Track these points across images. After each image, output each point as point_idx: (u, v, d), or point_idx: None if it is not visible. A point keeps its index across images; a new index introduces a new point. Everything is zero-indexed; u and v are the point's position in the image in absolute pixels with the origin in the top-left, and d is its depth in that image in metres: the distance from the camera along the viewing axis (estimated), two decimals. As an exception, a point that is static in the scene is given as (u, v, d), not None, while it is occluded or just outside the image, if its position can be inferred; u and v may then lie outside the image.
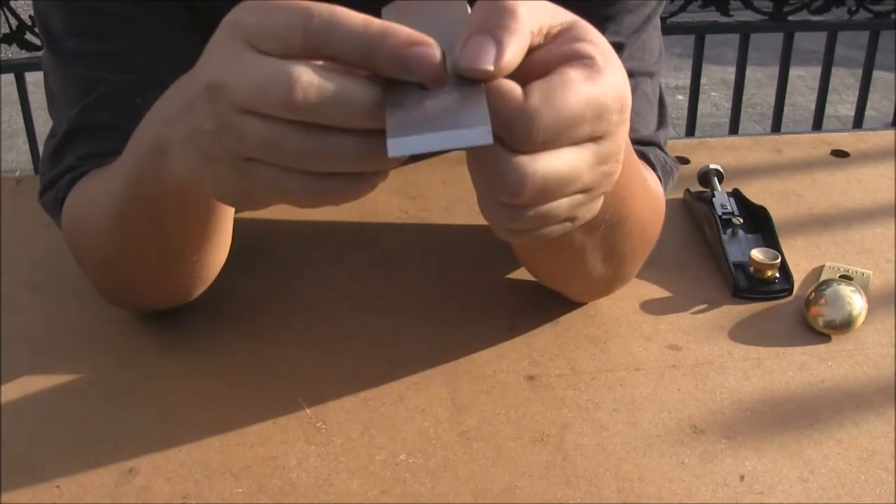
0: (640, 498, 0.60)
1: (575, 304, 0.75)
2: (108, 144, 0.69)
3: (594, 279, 0.71)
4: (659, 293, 0.78)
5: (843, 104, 3.41)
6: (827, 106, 2.02)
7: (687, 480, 0.62)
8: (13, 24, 1.70)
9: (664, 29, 0.80)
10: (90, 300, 0.75)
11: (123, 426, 0.66)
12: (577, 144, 0.45)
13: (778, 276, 0.79)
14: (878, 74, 2.12)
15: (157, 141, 0.54)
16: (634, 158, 0.63)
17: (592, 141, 0.46)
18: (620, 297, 0.77)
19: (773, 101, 2.00)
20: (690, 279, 0.80)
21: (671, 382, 0.70)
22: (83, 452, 0.63)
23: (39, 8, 0.72)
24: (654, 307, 0.77)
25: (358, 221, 0.86)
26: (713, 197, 0.86)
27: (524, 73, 0.44)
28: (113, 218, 0.64)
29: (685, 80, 2.74)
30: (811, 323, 0.75)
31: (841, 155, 1.00)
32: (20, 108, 1.81)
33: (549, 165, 0.44)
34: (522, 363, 0.71)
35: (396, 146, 0.41)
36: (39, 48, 1.72)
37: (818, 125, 2.05)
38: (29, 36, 1.71)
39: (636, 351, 0.72)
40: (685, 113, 2.03)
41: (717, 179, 0.90)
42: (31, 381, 0.69)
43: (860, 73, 2.00)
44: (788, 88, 1.98)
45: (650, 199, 0.68)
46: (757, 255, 0.79)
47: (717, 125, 3.27)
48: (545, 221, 0.47)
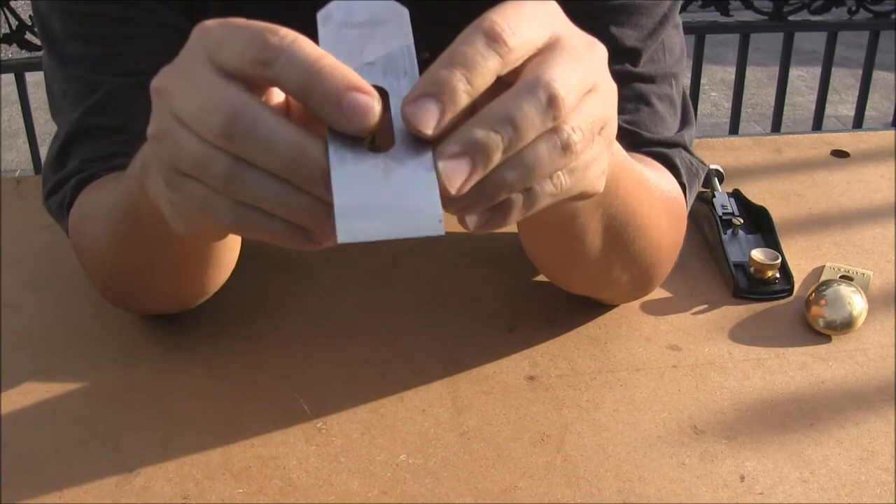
0: (640, 498, 0.60)
1: (575, 304, 0.75)
2: (111, 147, 0.69)
3: (614, 282, 0.70)
4: (659, 293, 0.78)
5: (843, 104, 3.41)
6: (827, 106, 2.02)
7: (687, 481, 0.62)
8: (13, 24, 1.70)
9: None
10: (90, 300, 0.75)
11: (123, 426, 0.66)
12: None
13: (778, 276, 0.79)
14: (878, 74, 2.12)
15: (142, 154, 0.54)
16: (633, 163, 0.62)
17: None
18: (620, 297, 0.77)
19: (773, 101, 2.00)
20: (690, 279, 0.80)
21: (671, 383, 0.70)
22: (83, 452, 0.63)
23: (39, 11, 0.72)
24: (654, 307, 0.77)
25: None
26: (713, 197, 0.86)
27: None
28: (109, 230, 0.64)
29: (685, 80, 2.73)
30: (811, 323, 0.74)
31: (841, 155, 1.00)
32: (20, 108, 1.81)
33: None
34: (522, 363, 0.71)
35: (346, 231, 0.39)
36: (39, 48, 1.72)
37: (818, 125, 2.05)
38: (29, 36, 1.71)
39: (636, 351, 0.72)
40: (685, 113, 2.03)
41: (717, 180, 0.90)
42: (31, 381, 0.69)
43: (860, 73, 1.99)
44: (788, 88, 1.98)
45: (659, 199, 0.68)
46: (757, 255, 0.79)
47: (717, 125, 3.27)
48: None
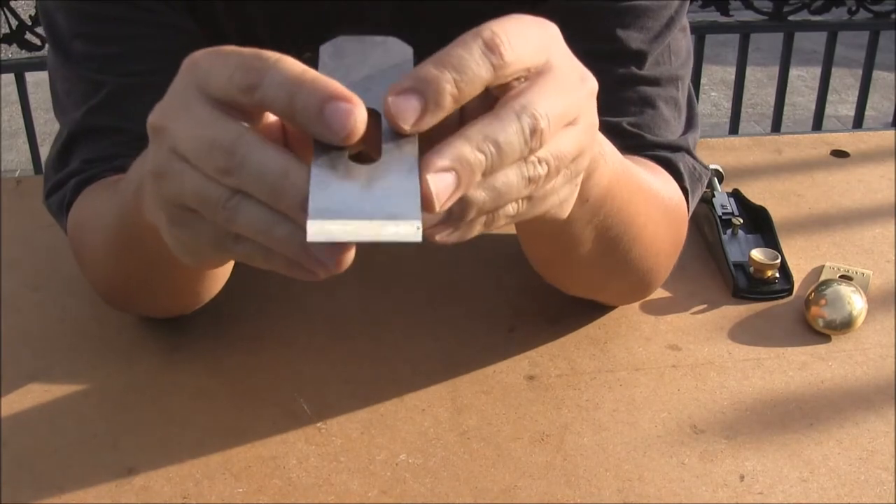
0: (640, 498, 0.60)
1: (575, 304, 0.75)
2: (112, 147, 0.69)
3: (611, 287, 0.71)
4: (659, 293, 0.78)
5: (843, 104, 3.41)
6: (827, 106, 2.02)
7: (687, 480, 0.62)
8: (13, 24, 1.70)
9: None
10: (90, 300, 0.75)
11: (123, 426, 0.66)
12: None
13: (778, 276, 0.79)
14: (878, 74, 2.12)
15: (137, 177, 0.53)
16: (630, 166, 0.62)
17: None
18: (620, 297, 0.77)
19: (773, 101, 2.00)
20: (690, 279, 0.80)
21: (671, 382, 0.70)
22: (83, 452, 0.63)
23: (45, 9, 0.72)
24: (654, 307, 0.77)
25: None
26: (713, 197, 0.86)
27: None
28: (107, 242, 0.64)
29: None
30: (811, 323, 0.74)
31: (841, 155, 1.00)
32: (20, 108, 1.81)
33: None
34: (522, 363, 0.71)
35: (317, 230, 0.38)
36: (39, 48, 1.72)
37: (818, 125, 2.05)
38: (29, 36, 1.71)
39: (636, 351, 0.72)
40: (685, 113, 2.03)
41: (716, 180, 0.90)
42: (31, 381, 0.69)
43: (860, 73, 2.00)
44: (788, 88, 1.98)
45: (658, 207, 0.67)
46: (757, 255, 0.79)
47: (717, 125, 3.27)
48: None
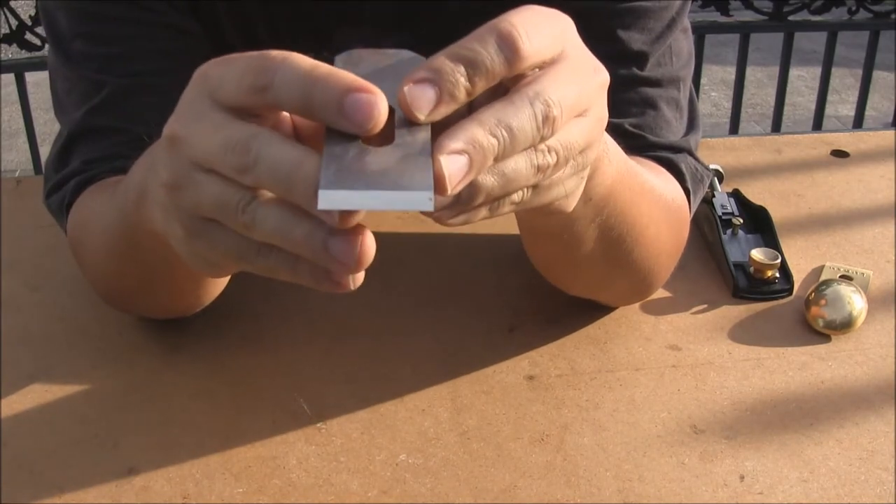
0: (640, 498, 0.60)
1: (575, 304, 0.75)
2: (113, 148, 0.68)
3: (612, 288, 0.71)
4: (659, 293, 0.78)
5: (843, 104, 3.41)
6: (827, 106, 2.02)
7: (687, 480, 0.62)
8: (13, 24, 1.70)
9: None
10: (90, 300, 0.75)
11: (123, 426, 0.66)
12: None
13: (778, 276, 0.79)
14: (878, 74, 2.12)
15: (141, 185, 0.53)
16: (632, 167, 0.62)
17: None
18: (620, 297, 0.77)
19: (773, 101, 2.00)
20: (690, 279, 0.80)
21: (671, 382, 0.70)
22: (83, 452, 0.63)
23: (46, 9, 0.72)
24: (654, 307, 0.77)
25: (358, 221, 0.86)
26: (713, 197, 0.86)
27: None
28: (107, 246, 0.64)
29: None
30: (811, 323, 0.74)
31: (841, 155, 1.00)
32: (20, 108, 1.81)
33: None
34: (522, 363, 0.71)
35: (327, 199, 0.38)
36: (39, 48, 1.72)
37: (818, 125, 2.05)
38: (29, 36, 1.71)
39: (636, 351, 0.72)
40: (685, 113, 2.03)
41: (717, 180, 0.90)
42: (30, 381, 0.69)
43: (860, 73, 2.00)
44: (788, 88, 1.98)
45: (660, 208, 0.67)
46: (757, 255, 0.79)
47: (717, 125, 3.27)
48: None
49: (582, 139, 0.46)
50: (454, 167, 0.40)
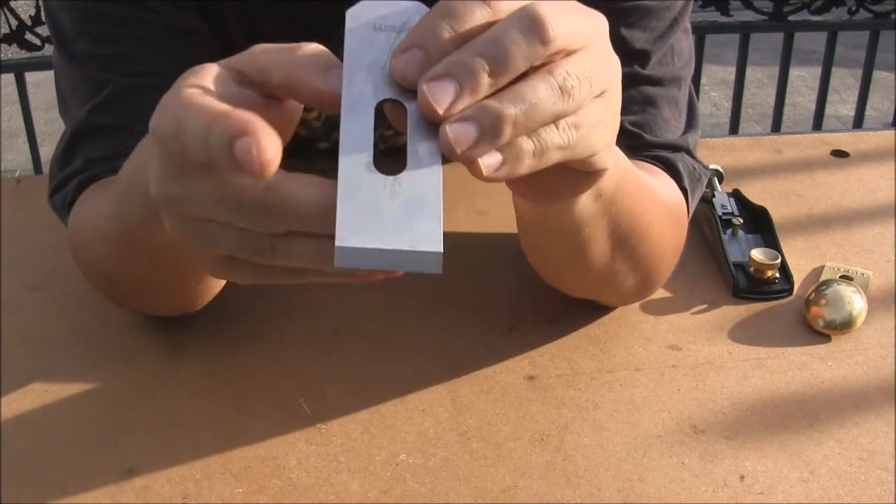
0: (640, 498, 0.60)
1: (575, 304, 0.75)
2: (116, 147, 0.68)
3: (616, 288, 0.70)
4: (659, 293, 0.78)
5: (843, 104, 3.41)
6: (827, 106, 2.02)
7: (687, 480, 0.62)
8: (13, 24, 1.70)
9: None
10: (90, 300, 0.75)
11: (123, 426, 0.66)
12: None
13: (778, 276, 0.79)
14: (878, 74, 2.12)
15: (132, 186, 0.53)
16: (635, 171, 0.62)
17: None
18: (620, 297, 0.77)
19: (773, 101, 2.00)
20: (690, 279, 0.80)
21: (671, 382, 0.70)
22: (83, 452, 0.63)
23: (50, 9, 0.72)
24: (654, 307, 0.77)
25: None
26: (713, 197, 0.86)
27: None
28: (107, 244, 0.64)
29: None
30: (811, 323, 0.74)
31: (841, 155, 1.00)
32: (20, 108, 1.81)
33: None
34: (522, 363, 0.71)
35: (344, 258, 0.38)
36: (39, 48, 1.72)
37: (818, 125, 2.05)
38: (29, 36, 1.71)
39: (636, 351, 0.72)
40: (685, 113, 2.03)
41: (717, 180, 0.90)
42: (30, 381, 0.69)
43: (860, 73, 2.00)
44: (788, 88, 1.98)
45: (662, 207, 0.67)
46: (757, 255, 0.79)
47: (717, 125, 3.27)
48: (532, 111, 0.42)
49: (596, 71, 0.43)
50: (440, 90, 0.39)
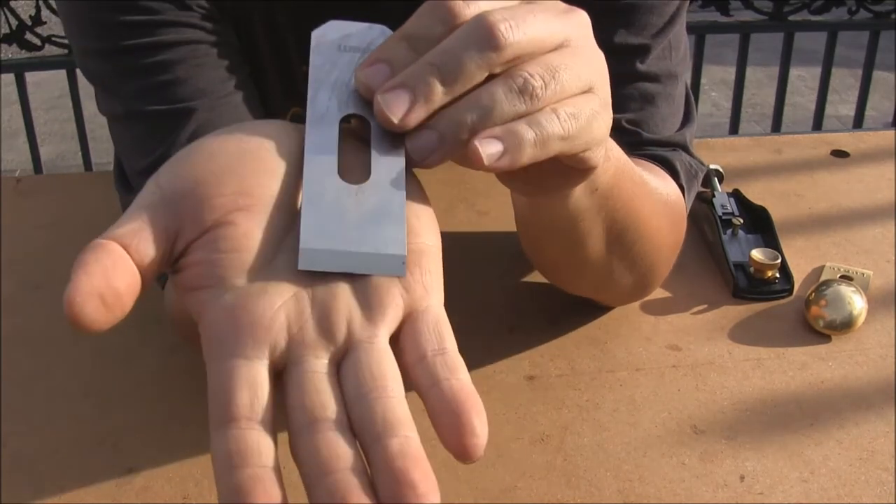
0: (640, 498, 0.60)
1: (575, 304, 0.75)
2: None
3: (615, 285, 0.70)
4: (659, 293, 0.78)
5: (843, 104, 3.41)
6: (827, 106, 2.02)
7: (687, 481, 0.62)
8: (13, 24, 1.70)
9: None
10: (90, 300, 0.75)
11: (123, 426, 0.66)
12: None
13: (778, 276, 0.79)
14: (878, 74, 2.12)
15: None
16: (633, 167, 0.62)
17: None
18: (620, 297, 0.77)
19: (773, 101, 2.00)
20: (690, 279, 0.80)
21: (671, 382, 0.70)
22: (83, 452, 0.63)
23: (89, 70, 0.68)
24: (654, 307, 0.77)
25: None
26: (713, 197, 0.86)
27: None
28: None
29: (686, 79, 2.72)
30: (811, 323, 0.74)
31: (841, 155, 1.00)
32: (20, 108, 1.81)
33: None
34: (522, 363, 0.71)
35: (307, 260, 0.38)
36: (39, 48, 1.72)
37: (818, 125, 2.05)
38: (29, 36, 1.71)
39: (636, 351, 0.72)
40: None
41: (717, 180, 0.90)
42: (30, 381, 0.69)
43: (860, 73, 2.00)
44: (788, 88, 1.98)
45: (659, 203, 0.67)
46: (757, 255, 0.79)
47: (717, 125, 3.27)
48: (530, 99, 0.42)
49: (575, 70, 0.43)
50: (393, 100, 0.40)
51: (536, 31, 0.42)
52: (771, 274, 0.78)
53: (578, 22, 0.45)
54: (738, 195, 0.88)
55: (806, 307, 0.75)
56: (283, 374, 0.37)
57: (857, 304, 0.74)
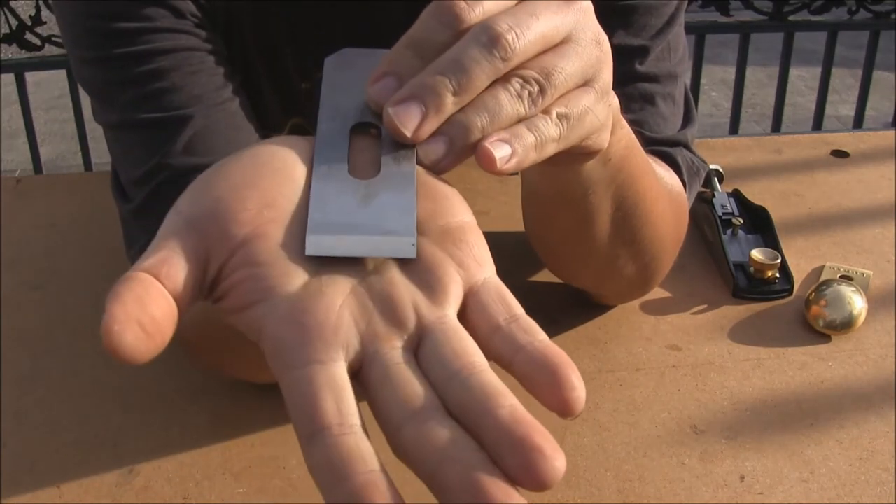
0: (640, 498, 0.60)
1: (575, 304, 0.75)
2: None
3: (618, 274, 0.70)
4: (659, 293, 0.78)
5: (843, 104, 3.41)
6: (827, 106, 2.02)
7: (687, 481, 0.62)
8: (13, 24, 1.70)
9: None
10: (90, 300, 0.75)
11: (123, 426, 0.66)
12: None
13: (778, 276, 0.79)
14: (878, 74, 2.11)
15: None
16: (640, 148, 0.62)
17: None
18: (620, 297, 0.77)
19: (773, 101, 2.00)
20: (690, 279, 0.80)
21: (671, 383, 0.70)
22: (83, 452, 0.63)
23: (84, 79, 0.68)
24: (654, 307, 0.77)
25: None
26: (713, 197, 0.86)
27: None
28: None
29: (685, 80, 2.72)
30: (811, 323, 0.74)
31: (841, 155, 1.00)
32: (20, 108, 1.81)
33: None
34: (522, 363, 0.71)
35: (315, 244, 0.37)
36: (39, 48, 1.72)
37: (818, 125, 2.05)
38: (29, 36, 1.71)
39: (636, 351, 0.72)
40: (685, 113, 2.03)
41: (717, 180, 0.90)
42: (31, 381, 0.69)
43: (860, 73, 2.00)
44: (788, 88, 1.98)
45: (664, 189, 0.68)
46: (757, 255, 0.79)
47: (717, 125, 3.27)
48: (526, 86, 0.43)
49: (572, 65, 0.44)
50: (405, 113, 0.40)
51: (539, 33, 0.43)
52: (771, 274, 0.78)
53: (578, 9, 0.45)
54: (738, 195, 0.88)
55: (806, 307, 0.75)
56: (359, 373, 0.36)
57: (857, 304, 0.74)
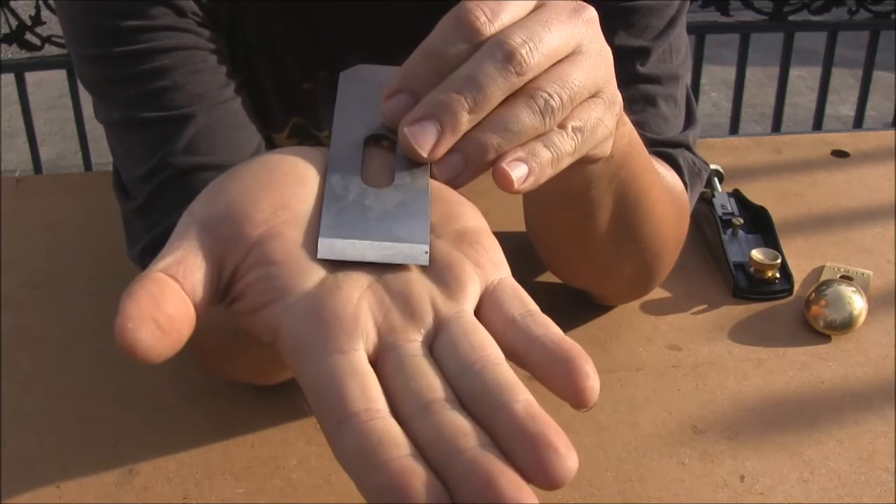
0: (640, 498, 0.60)
1: (575, 304, 0.75)
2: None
3: (619, 272, 0.70)
4: (659, 293, 0.78)
5: (843, 104, 3.41)
6: (827, 106, 2.02)
7: (687, 481, 0.62)
8: (13, 24, 1.70)
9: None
10: (90, 299, 0.75)
11: (123, 426, 0.66)
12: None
13: (778, 276, 0.79)
14: (878, 74, 2.11)
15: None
16: (643, 146, 0.62)
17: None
18: (620, 297, 0.77)
19: (773, 101, 2.00)
20: (690, 279, 0.80)
21: (671, 383, 0.70)
22: (83, 452, 0.63)
23: (86, 78, 0.68)
24: (654, 307, 0.77)
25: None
26: (713, 197, 0.86)
27: None
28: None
29: (687, 81, 2.72)
30: (811, 323, 0.74)
31: (841, 155, 1.00)
32: (20, 108, 1.81)
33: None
34: (522, 363, 0.71)
35: (327, 248, 0.37)
36: (39, 48, 1.72)
37: (818, 125, 2.05)
38: (29, 36, 1.71)
39: (636, 351, 0.72)
40: (685, 113, 2.03)
41: (717, 180, 0.90)
42: (31, 381, 0.69)
43: (860, 73, 2.00)
44: (788, 88, 1.98)
45: (665, 189, 0.68)
46: (757, 255, 0.79)
47: (717, 125, 3.27)
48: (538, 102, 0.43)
49: (583, 77, 0.44)
50: (421, 133, 0.40)
51: (553, 47, 0.43)
52: (771, 274, 0.78)
53: (586, 20, 0.45)
54: (738, 195, 0.88)
55: (806, 307, 0.75)
56: (375, 365, 0.36)
57: (857, 304, 0.74)
